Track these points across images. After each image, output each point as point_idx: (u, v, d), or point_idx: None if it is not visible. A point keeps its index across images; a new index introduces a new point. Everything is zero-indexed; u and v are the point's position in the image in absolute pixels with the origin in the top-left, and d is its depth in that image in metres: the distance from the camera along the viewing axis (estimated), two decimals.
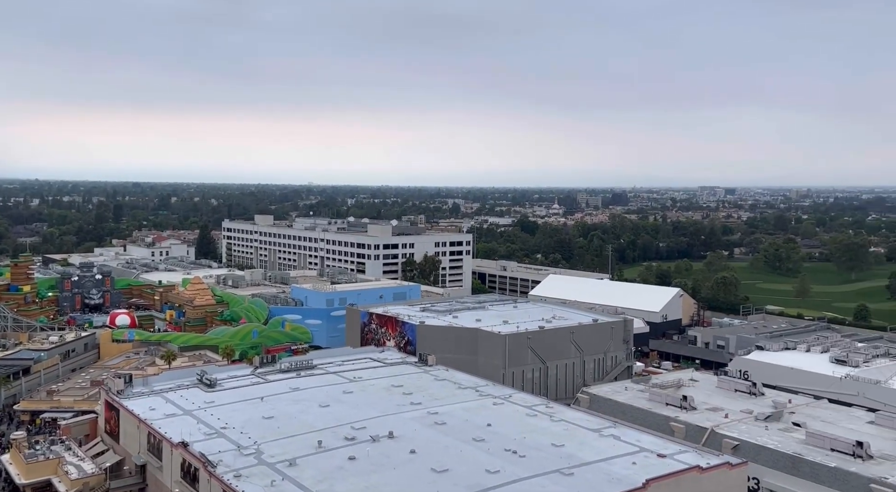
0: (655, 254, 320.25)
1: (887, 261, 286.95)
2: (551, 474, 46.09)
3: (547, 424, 56.79)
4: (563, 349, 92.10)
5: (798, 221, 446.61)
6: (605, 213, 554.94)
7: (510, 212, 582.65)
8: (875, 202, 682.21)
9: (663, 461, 48.44)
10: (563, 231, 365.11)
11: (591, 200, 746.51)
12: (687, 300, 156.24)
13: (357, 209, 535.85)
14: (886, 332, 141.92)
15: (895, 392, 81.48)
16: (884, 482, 54.17)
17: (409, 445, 51.07)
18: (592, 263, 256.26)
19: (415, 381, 69.70)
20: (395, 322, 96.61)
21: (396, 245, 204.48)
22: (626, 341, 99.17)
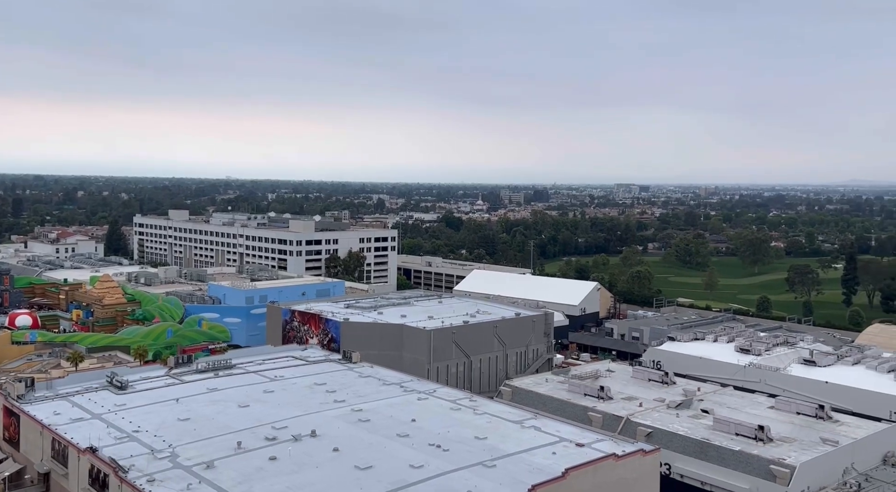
0: (575, 249, 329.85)
1: (786, 255, 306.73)
2: (474, 467, 46.64)
3: (470, 417, 57.41)
4: (486, 343, 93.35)
5: (707, 218, 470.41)
6: (528, 209, 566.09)
7: (435, 208, 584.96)
8: (776, 199, 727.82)
9: (582, 450, 49.93)
10: (486, 227, 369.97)
11: (513, 197, 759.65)
12: (604, 294, 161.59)
13: (278, 204, 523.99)
14: (785, 321, 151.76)
15: (793, 378, 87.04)
16: (782, 463, 57.94)
17: (332, 443, 50.45)
18: (515, 259, 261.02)
19: (338, 378, 68.86)
20: (319, 319, 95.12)
21: (320, 241, 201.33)
22: (546, 334, 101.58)
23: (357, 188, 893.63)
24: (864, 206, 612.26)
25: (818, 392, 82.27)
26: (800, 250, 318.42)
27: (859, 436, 64.80)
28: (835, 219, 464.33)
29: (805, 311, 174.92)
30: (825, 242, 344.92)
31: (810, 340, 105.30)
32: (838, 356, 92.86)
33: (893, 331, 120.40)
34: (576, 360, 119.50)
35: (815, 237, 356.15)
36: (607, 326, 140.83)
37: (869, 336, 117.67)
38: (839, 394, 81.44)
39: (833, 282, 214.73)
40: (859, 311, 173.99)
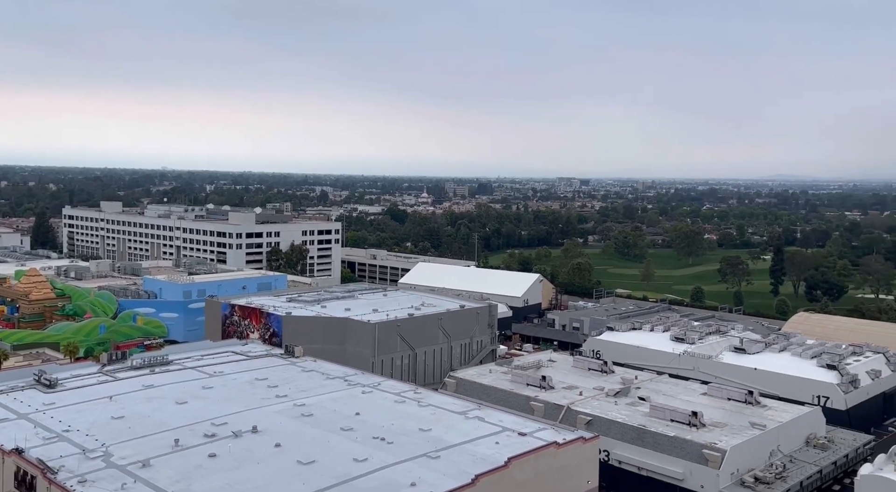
0: (518, 242, 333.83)
1: (719, 247, 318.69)
2: (419, 459, 46.83)
3: (415, 409, 57.56)
4: (431, 335, 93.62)
5: (644, 211, 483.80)
6: (472, 202, 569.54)
7: (380, 200, 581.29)
8: (709, 193, 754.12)
9: (524, 439, 50.79)
10: (431, 220, 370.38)
11: (458, 190, 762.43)
12: (546, 285, 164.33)
13: (217, 196, 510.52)
14: (717, 311, 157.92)
15: (724, 366, 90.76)
16: (713, 447, 60.40)
17: (274, 438, 49.73)
18: (460, 251, 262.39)
19: (280, 373, 67.86)
20: (260, 313, 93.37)
21: (261, 234, 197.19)
22: (490, 326, 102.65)
23: (299, 180, 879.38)
24: (791, 200, 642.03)
25: (747, 378, 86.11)
26: (731, 242, 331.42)
27: (785, 420, 68.15)
28: (763, 212, 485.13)
29: (736, 300, 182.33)
30: (755, 235, 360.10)
31: (740, 329, 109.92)
32: (766, 344, 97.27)
33: (816, 319, 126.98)
34: (519, 350, 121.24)
35: (745, 230, 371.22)
36: (549, 316, 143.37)
37: (794, 324, 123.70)
38: (767, 380, 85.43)
39: (762, 272, 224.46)
40: (786, 300, 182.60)
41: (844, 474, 67.12)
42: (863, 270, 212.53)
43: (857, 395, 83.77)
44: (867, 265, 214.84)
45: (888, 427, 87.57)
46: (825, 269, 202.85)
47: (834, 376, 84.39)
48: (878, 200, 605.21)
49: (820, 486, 65.24)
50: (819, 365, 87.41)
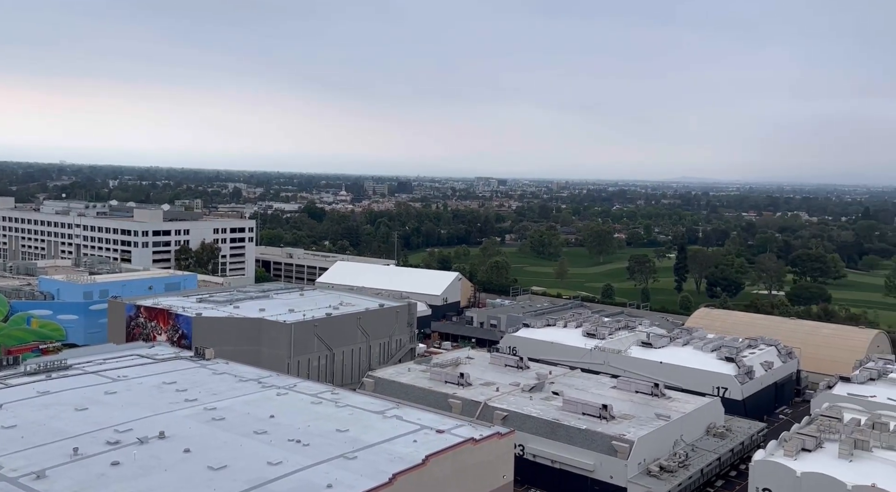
0: (437, 240, 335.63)
1: (627, 245, 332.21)
2: (335, 460, 46.25)
3: (332, 410, 56.80)
4: (350, 335, 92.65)
5: (558, 211, 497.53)
6: (392, 200, 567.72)
7: (297, 198, 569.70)
8: (619, 194, 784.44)
9: (442, 437, 51.15)
10: (350, 218, 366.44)
11: (378, 188, 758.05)
12: (465, 284, 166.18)
13: (121, 192, 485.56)
14: (626, 307, 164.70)
15: (632, 360, 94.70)
16: (622, 439, 62.95)
17: (183, 444, 47.79)
18: (379, 250, 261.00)
19: (190, 376, 65.28)
20: (168, 315, 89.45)
21: (169, 232, 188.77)
22: (410, 324, 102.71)
23: (211, 176, 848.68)
24: (693, 201, 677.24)
25: (654, 372, 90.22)
26: (639, 241, 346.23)
27: (687, 410, 71.90)
28: (669, 213, 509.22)
29: (643, 297, 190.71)
30: (660, 234, 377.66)
31: (647, 324, 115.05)
32: (671, 338, 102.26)
33: (716, 314, 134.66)
34: (438, 348, 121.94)
35: (652, 229, 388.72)
36: (468, 314, 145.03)
37: (696, 319, 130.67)
38: (671, 373, 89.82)
39: (667, 270, 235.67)
40: (688, 296, 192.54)
41: (741, 461, 71.62)
42: (758, 268, 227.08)
43: (752, 385, 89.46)
44: (761, 263, 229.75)
45: (779, 415, 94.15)
46: (724, 266, 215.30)
47: (732, 368, 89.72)
48: (771, 202, 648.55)
49: (719, 472, 69.34)
50: (718, 358, 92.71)
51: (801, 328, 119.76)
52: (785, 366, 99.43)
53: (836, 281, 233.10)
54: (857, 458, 56.35)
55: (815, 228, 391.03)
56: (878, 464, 55.50)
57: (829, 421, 62.91)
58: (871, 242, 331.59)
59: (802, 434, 59.84)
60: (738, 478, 69.02)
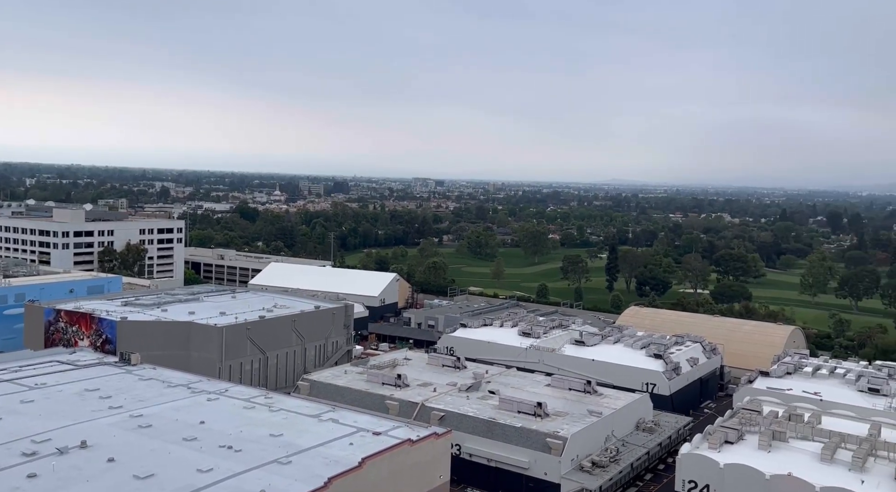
0: (375, 241, 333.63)
1: (561, 246, 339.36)
2: (268, 465, 45.28)
3: (265, 415, 55.58)
4: (284, 338, 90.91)
5: (495, 212, 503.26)
6: (328, 201, 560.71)
7: (228, 198, 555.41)
8: (553, 196, 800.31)
9: (378, 439, 50.85)
10: (285, 218, 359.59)
11: (313, 188, 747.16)
12: (403, 284, 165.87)
13: (39, 191, 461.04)
14: (560, 306, 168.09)
15: (566, 358, 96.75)
16: (556, 436, 64.20)
17: (107, 453, 45.75)
18: (315, 251, 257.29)
19: (115, 383, 62.58)
20: (91, 319, 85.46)
21: (91, 232, 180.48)
22: (346, 326, 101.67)
23: (137, 175, 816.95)
24: (624, 202, 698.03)
25: (586, 369, 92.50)
26: (572, 242, 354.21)
27: (618, 406, 74.02)
28: (600, 214, 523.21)
29: (576, 296, 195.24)
30: (593, 235, 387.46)
31: (580, 323, 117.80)
32: (602, 336, 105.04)
33: (645, 313, 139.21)
34: (375, 350, 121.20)
35: (584, 230, 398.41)
36: (405, 315, 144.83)
37: (626, 317, 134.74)
38: (603, 370, 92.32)
39: (599, 270, 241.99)
40: (619, 295, 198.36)
41: (668, 454, 74.29)
42: (684, 268, 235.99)
43: (679, 381, 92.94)
44: (687, 263, 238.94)
45: (704, 409, 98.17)
46: (653, 266, 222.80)
47: (660, 364, 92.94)
48: (696, 204, 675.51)
49: (648, 466, 71.70)
50: (647, 355, 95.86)
51: (724, 325, 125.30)
52: (709, 362, 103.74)
53: (756, 280, 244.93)
54: (775, 448, 59.35)
55: (736, 228, 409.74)
56: (794, 454, 58.64)
57: (749, 414, 66.00)
58: (788, 242, 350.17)
59: (725, 427, 62.56)
60: (665, 471, 71.50)
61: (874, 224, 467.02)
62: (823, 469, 55.28)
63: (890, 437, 62.76)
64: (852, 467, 55.42)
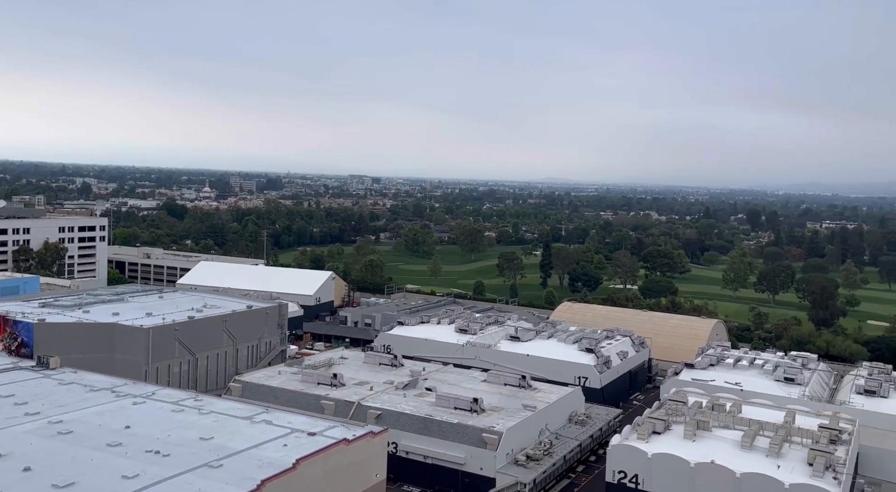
0: (310, 239, 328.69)
1: (497, 243, 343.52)
2: (198, 469, 44.01)
3: (195, 418, 53.98)
4: (214, 339, 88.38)
5: (432, 210, 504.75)
6: (260, 198, 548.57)
7: (154, 194, 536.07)
8: (489, 194, 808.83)
9: (313, 439, 50.21)
10: (215, 216, 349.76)
11: (245, 185, 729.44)
12: (339, 283, 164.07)
13: None
14: (496, 303, 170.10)
15: (502, 353, 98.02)
16: (492, 430, 64.97)
17: (23, 462, 43.39)
18: (247, 249, 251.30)
19: (31, 388, 59.40)
20: (4, 321, 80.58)
21: (5, 230, 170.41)
22: (280, 326, 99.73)
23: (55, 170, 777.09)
24: (557, 201, 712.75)
25: (521, 364, 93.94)
26: (508, 239, 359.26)
27: (552, 400, 75.56)
28: (535, 212, 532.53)
29: (512, 293, 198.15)
30: (527, 232, 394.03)
31: (516, 319, 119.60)
32: (537, 332, 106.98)
33: (578, 308, 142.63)
34: (310, 349, 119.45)
35: (519, 228, 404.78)
36: (341, 314, 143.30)
37: (560, 313, 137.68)
38: (537, 364, 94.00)
39: (533, 267, 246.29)
40: (553, 291, 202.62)
41: (599, 446, 76.38)
42: (614, 264, 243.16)
43: (610, 374, 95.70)
44: (617, 259, 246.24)
45: (633, 401, 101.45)
46: (585, 263, 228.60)
47: (591, 358, 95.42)
48: (625, 202, 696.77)
49: (580, 458, 73.55)
50: (580, 349, 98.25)
51: (651, 319, 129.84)
52: (638, 355, 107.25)
53: (682, 275, 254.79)
54: (699, 437, 61.94)
55: (663, 226, 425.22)
56: (717, 442, 61.38)
57: (675, 405, 68.64)
58: (711, 239, 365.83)
59: (653, 418, 64.85)
60: (597, 462, 73.49)
61: (789, 222, 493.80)
62: (743, 456, 58.10)
63: (803, 423, 66.56)
64: (769, 452, 58.46)
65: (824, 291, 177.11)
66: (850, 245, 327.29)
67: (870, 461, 68.24)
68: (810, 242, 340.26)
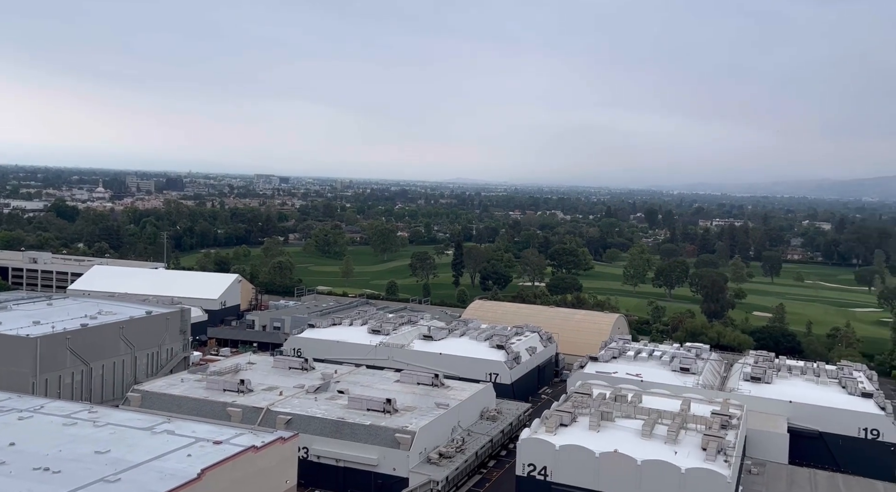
0: (214, 241, 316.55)
1: (410, 243, 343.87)
2: (93, 485, 41.53)
3: (90, 431, 50.87)
4: (110, 347, 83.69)
5: (343, 210, 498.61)
6: (160, 198, 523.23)
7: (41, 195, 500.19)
8: (401, 194, 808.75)
9: (219, 448, 48.52)
10: (110, 217, 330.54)
11: (143, 184, 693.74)
12: (245, 286, 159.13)
13: None
14: (409, 303, 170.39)
15: (415, 353, 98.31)
16: (404, 430, 65.08)
17: None
18: (146, 252, 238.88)
19: None
20: None
21: None
22: (183, 332, 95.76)
23: None
24: (468, 201, 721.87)
25: (434, 363, 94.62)
26: (420, 239, 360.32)
27: (464, 397, 76.57)
28: (446, 212, 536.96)
29: (425, 292, 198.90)
30: (439, 232, 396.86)
31: (428, 318, 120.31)
32: (449, 330, 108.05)
33: (489, 306, 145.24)
34: (215, 355, 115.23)
35: (431, 227, 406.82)
36: (249, 318, 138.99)
37: (471, 311, 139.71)
38: (450, 363, 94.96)
39: (446, 266, 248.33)
40: (465, 290, 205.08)
41: (510, 440, 78.12)
42: (523, 262, 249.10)
43: (520, 369, 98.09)
44: (526, 258, 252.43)
45: (541, 395, 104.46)
46: (495, 261, 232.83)
47: (502, 354, 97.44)
48: (533, 202, 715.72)
49: (491, 453, 74.94)
50: (491, 346, 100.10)
51: (558, 315, 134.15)
52: (546, 350, 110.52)
53: (586, 272, 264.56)
54: (603, 428, 64.62)
55: (568, 225, 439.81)
56: (620, 432, 64.25)
57: (581, 397, 71.27)
58: (612, 237, 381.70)
59: (560, 411, 67.03)
60: (507, 457, 75.13)
61: (683, 220, 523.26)
62: (644, 444, 61.13)
63: (698, 410, 70.82)
64: (667, 440, 61.82)
65: (715, 286, 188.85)
66: (738, 241, 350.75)
67: (756, 443, 73.57)
68: (702, 238, 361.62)
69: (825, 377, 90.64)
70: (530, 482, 60.68)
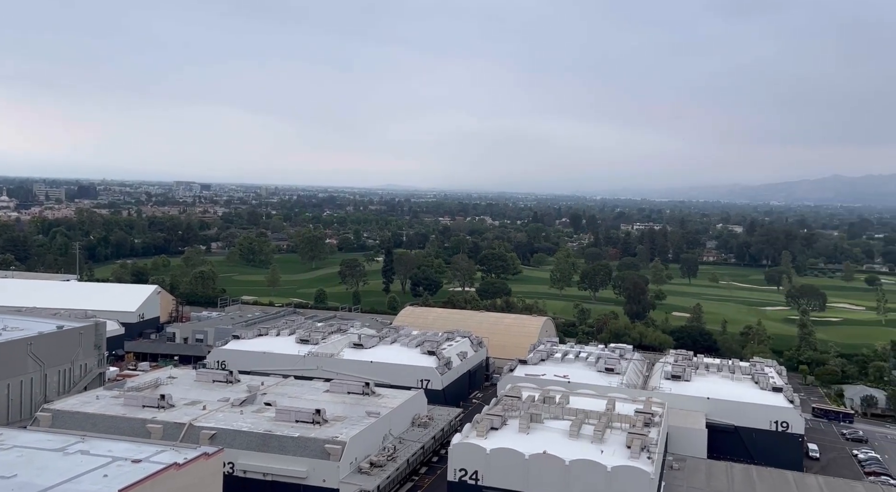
0: (131, 251, 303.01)
1: (339, 250, 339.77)
2: None
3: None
4: (17, 365, 78.50)
5: (268, 217, 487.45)
6: (71, 207, 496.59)
7: None
8: (329, 200, 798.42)
9: (138, 467, 46.33)
10: (16, 227, 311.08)
11: (52, 193, 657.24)
12: (165, 297, 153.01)
13: None
14: (339, 311, 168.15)
15: (345, 362, 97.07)
16: (335, 441, 64.07)
17: None
18: (56, 264, 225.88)
19: None
20: None
21: None
22: (97, 346, 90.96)
23: None
24: (398, 207, 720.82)
25: (365, 371, 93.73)
26: (349, 246, 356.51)
27: (395, 405, 76.15)
28: (376, 218, 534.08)
29: (355, 300, 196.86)
30: (369, 238, 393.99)
31: (359, 326, 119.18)
32: (380, 338, 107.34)
33: (420, 312, 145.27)
34: (134, 370, 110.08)
35: (361, 234, 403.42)
36: (169, 330, 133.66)
37: (402, 318, 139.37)
38: (381, 371, 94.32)
39: (376, 273, 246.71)
40: (395, 297, 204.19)
41: (441, 446, 78.23)
42: (453, 267, 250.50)
43: (451, 375, 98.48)
44: (456, 263, 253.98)
45: (473, 399, 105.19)
46: (425, 267, 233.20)
47: (433, 360, 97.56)
48: (462, 208, 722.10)
49: (423, 460, 74.81)
50: (422, 352, 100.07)
51: (488, 320, 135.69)
52: (477, 354, 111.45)
53: (515, 276, 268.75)
54: (533, 430, 65.69)
55: (497, 230, 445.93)
56: (549, 433, 65.50)
57: (511, 400, 72.22)
58: (539, 241, 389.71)
59: (490, 415, 67.70)
60: (439, 463, 75.19)
61: (606, 224, 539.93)
62: (571, 444, 62.53)
63: (622, 409, 73.08)
64: (594, 439, 63.49)
65: (636, 287, 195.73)
66: (657, 244, 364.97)
67: (677, 440, 76.61)
68: (624, 242, 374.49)
69: (739, 374, 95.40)
70: (462, 487, 60.94)
